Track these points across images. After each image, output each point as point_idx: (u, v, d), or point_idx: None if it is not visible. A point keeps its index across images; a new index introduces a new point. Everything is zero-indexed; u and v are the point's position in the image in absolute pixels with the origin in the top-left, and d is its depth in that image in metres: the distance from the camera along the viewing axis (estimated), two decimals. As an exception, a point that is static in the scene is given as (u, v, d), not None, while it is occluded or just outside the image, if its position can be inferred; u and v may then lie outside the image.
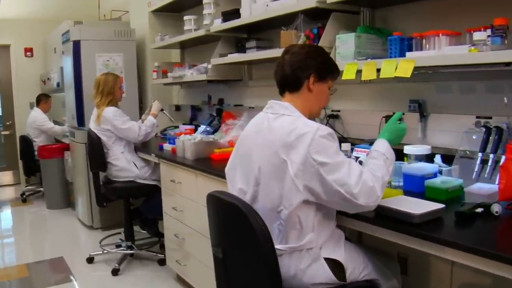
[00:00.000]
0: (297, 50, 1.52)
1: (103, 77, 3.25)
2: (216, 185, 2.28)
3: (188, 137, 2.70)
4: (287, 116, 1.45)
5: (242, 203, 1.36)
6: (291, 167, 1.34)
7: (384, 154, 1.43)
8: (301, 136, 1.35)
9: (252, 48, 2.89)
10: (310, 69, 1.50)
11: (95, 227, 4.18)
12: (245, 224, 1.29)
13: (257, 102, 3.16)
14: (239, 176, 1.54)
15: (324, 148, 1.33)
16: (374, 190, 1.32)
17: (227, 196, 1.42)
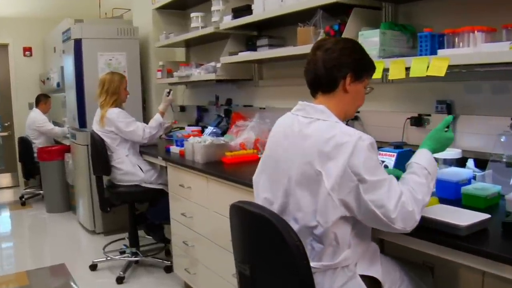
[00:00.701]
0: (330, 46, 1.37)
1: (108, 76, 3.11)
2: (229, 191, 2.15)
3: (197, 140, 2.57)
4: (323, 121, 1.31)
5: (274, 216, 1.23)
6: (327, 179, 1.21)
7: (426, 168, 1.29)
8: (340, 145, 1.22)
9: (264, 46, 2.76)
10: (347, 68, 1.36)
11: (97, 231, 4.04)
12: (278, 239, 1.16)
13: (268, 102, 3.03)
14: (265, 184, 1.41)
15: (365, 161, 1.20)
16: (413, 215, 1.20)
17: (256, 208, 1.28)
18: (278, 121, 1.49)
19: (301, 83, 2.80)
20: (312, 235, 1.25)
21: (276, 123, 1.48)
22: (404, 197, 1.20)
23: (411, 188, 1.24)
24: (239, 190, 2.08)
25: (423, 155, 1.35)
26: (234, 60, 2.81)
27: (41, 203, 5.26)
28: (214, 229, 2.32)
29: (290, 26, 2.80)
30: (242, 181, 2.05)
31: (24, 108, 6.09)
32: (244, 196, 2.05)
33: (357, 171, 1.19)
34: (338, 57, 1.36)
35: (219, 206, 2.25)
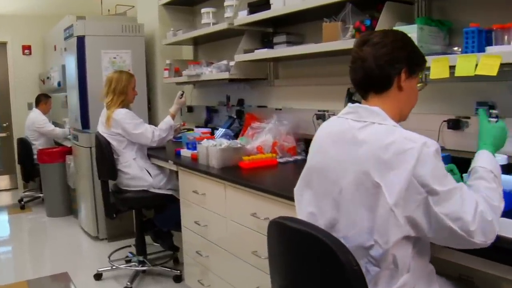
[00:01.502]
0: (380, 40, 1.20)
1: (116, 75, 2.94)
2: (249, 199, 1.99)
3: (212, 143, 2.41)
4: (378, 124, 1.15)
5: (328, 236, 1.06)
6: (388, 193, 1.05)
7: (492, 172, 1.15)
8: (402, 153, 1.06)
9: (282, 43, 2.60)
10: (401, 63, 1.20)
11: (101, 237, 3.87)
12: (332, 262, 1.00)
13: (285, 103, 2.87)
14: (310, 196, 1.25)
15: (433, 170, 1.05)
16: (493, 225, 1.05)
17: (304, 226, 1.11)
18: (322, 126, 1.33)
19: (320, 82, 2.68)
20: (368, 256, 1.09)
21: (320, 129, 1.32)
22: (482, 206, 1.05)
23: (485, 195, 1.10)
24: (261, 198, 1.92)
25: (485, 157, 1.20)
26: (249, 58, 2.65)
27: (41, 206, 5.08)
28: (232, 239, 2.16)
29: (309, 22, 2.65)
30: (265, 189, 1.89)
31: (23, 108, 5.91)
32: (266, 204, 1.89)
33: (425, 182, 1.03)
34: (390, 51, 1.20)
35: (238, 215, 2.09)
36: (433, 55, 1.72)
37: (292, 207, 1.76)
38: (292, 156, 2.56)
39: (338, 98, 2.49)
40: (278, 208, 1.83)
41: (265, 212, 1.90)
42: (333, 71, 2.53)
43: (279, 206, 1.83)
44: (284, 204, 1.79)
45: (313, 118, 2.56)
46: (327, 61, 2.53)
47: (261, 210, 1.92)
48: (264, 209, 1.91)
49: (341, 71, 2.47)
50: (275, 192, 1.82)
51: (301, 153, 2.62)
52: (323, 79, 2.59)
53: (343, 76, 2.46)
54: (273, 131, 2.54)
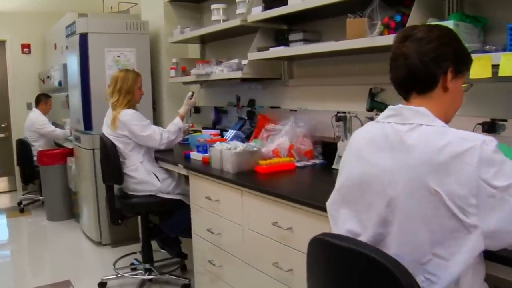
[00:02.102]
0: (424, 35, 1.09)
1: (122, 73, 2.80)
2: (270, 207, 1.85)
3: (226, 146, 2.27)
4: (426, 126, 1.03)
5: (383, 255, 0.93)
6: (451, 201, 0.93)
7: None
8: (460, 155, 0.95)
9: (298, 41, 2.47)
10: (447, 61, 1.09)
11: (104, 243, 3.73)
12: (389, 285, 0.87)
13: (300, 104, 2.73)
14: (348, 212, 1.11)
15: (500, 168, 0.94)
16: None
17: (354, 244, 0.98)
18: (358, 133, 1.19)
19: (339, 82, 2.54)
20: (424, 272, 0.97)
21: (356, 136, 1.19)
22: None
23: None
24: (282, 206, 1.79)
25: None
26: (264, 56, 2.51)
27: (41, 209, 4.93)
28: (249, 249, 2.02)
29: (326, 19, 2.52)
30: (288, 196, 1.75)
31: (22, 109, 5.77)
32: (289, 213, 1.76)
33: (494, 183, 0.92)
34: (436, 48, 1.08)
35: (257, 223, 1.96)
36: (473, 53, 1.60)
37: (319, 217, 1.63)
38: (310, 160, 2.43)
39: (358, 99, 2.36)
40: (302, 217, 1.70)
41: (288, 221, 1.76)
42: (353, 70, 2.40)
43: (303, 215, 1.69)
44: (310, 213, 1.66)
45: (332, 120, 2.42)
46: (346, 60, 2.40)
47: (283, 219, 1.79)
48: (286, 218, 1.77)
49: (363, 70, 2.34)
50: (299, 200, 1.69)
51: (318, 157, 2.49)
52: (342, 78, 2.46)
53: (364, 76, 2.33)
54: (289, 133, 2.40)
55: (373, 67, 2.29)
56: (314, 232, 1.66)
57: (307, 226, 1.69)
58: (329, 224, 1.61)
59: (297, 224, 1.73)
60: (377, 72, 2.27)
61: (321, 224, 1.63)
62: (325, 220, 1.61)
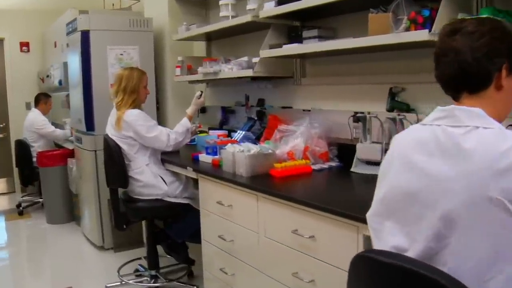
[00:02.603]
0: (475, 29, 0.99)
1: (126, 72, 2.68)
2: (288, 213, 1.73)
3: (239, 148, 2.15)
4: (483, 129, 0.92)
5: (442, 275, 0.81)
6: None
7: None
8: None
9: (312, 38, 2.35)
10: (501, 57, 0.98)
11: (106, 247, 3.60)
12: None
13: (313, 103, 2.61)
14: (394, 225, 1.00)
15: None
16: None
17: (405, 262, 0.86)
18: (401, 137, 1.08)
19: (356, 81, 2.41)
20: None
21: (400, 141, 1.07)
22: None
23: None
24: (303, 212, 1.67)
25: None
26: (277, 54, 2.39)
27: (40, 212, 4.80)
28: (266, 258, 1.91)
29: (341, 16, 2.41)
30: (310, 202, 1.63)
31: (21, 108, 5.64)
32: (311, 220, 1.64)
33: None
34: (489, 42, 0.98)
35: (274, 231, 1.84)
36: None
37: (343, 224, 1.52)
38: (326, 163, 2.32)
39: (377, 98, 2.25)
40: (325, 225, 1.58)
41: (309, 229, 1.65)
42: (371, 69, 2.28)
43: (326, 222, 1.58)
44: (334, 221, 1.55)
45: (348, 121, 2.31)
46: (364, 58, 2.28)
47: (304, 227, 1.67)
48: (307, 225, 1.66)
49: (382, 68, 2.23)
50: (322, 207, 1.57)
51: (333, 159, 2.37)
52: (359, 77, 2.34)
53: (383, 74, 2.22)
54: (305, 134, 2.29)
55: (393, 65, 2.17)
56: (339, 241, 1.56)
57: (331, 235, 1.57)
58: (354, 232, 1.50)
59: (320, 232, 1.62)
60: (397, 71, 2.16)
61: (346, 232, 1.51)
62: (350, 228, 1.50)
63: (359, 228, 1.47)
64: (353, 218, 1.47)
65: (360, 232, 1.47)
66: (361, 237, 1.47)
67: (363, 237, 1.46)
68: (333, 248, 1.58)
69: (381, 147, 2.11)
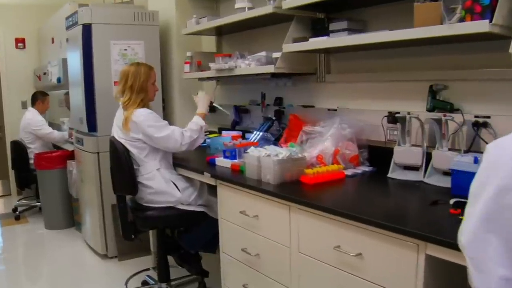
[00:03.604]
0: None
1: (133, 68, 2.45)
2: (328, 226, 1.53)
3: (264, 151, 1.94)
4: None
5: None
6: None
7: None
8: None
9: (341, 31, 2.14)
10: None
11: (110, 255, 3.39)
12: None
13: (339, 102, 2.41)
14: (501, 247, 0.80)
15: None
16: None
17: None
18: (504, 144, 0.87)
19: (387, 78, 2.16)
20: None
21: (503, 150, 0.87)
22: None
23: None
24: (344, 226, 1.47)
25: None
26: (303, 48, 2.18)
27: (38, 216, 4.56)
28: (299, 276, 1.70)
29: (370, 7, 2.20)
30: (357, 216, 1.43)
31: (17, 107, 5.40)
32: (355, 235, 1.44)
33: None
34: None
35: (311, 246, 1.63)
36: None
37: (396, 241, 1.32)
38: (357, 167, 2.11)
39: (414, 97, 2.05)
40: (374, 241, 1.38)
41: (356, 246, 1.44)
42: (408, 64, 2.08)
43: (375, 238, 1.38)
44: (384, 237, 1.35)
45: (382, 121, 2.11)
46: (400, 52, 2.08)
47: (348, 243, 1.47)
48: (352, 241, 1.45)
49: (420, 64, 2.02)
50: (372, 221, 1.37)
51: (364, 163, 2.17)
52: (393, 73, 2.13)
53: (422, 70, 2.01)
54: (335, 136, 2.08)
55: (434, 60, 1.97)
56: (393, 261, 1.34)
57: (383, 253, 1.37)
58: (414, 251, 1.29)
59: (369, 250, 1.41)
60: (439, 67, 1.95)
61: (403, 251, 1.31)
62: (408, 246, 1.29)
63: (420, 246, 1.27)
64: (412, 235, 1.27)
65: (420, 251, 1.27)
66: (422, 257, 1.27)
67: (424, 257, 1.26)
68: (385, 268, 1.37)
69: (422, 151, 1.91)
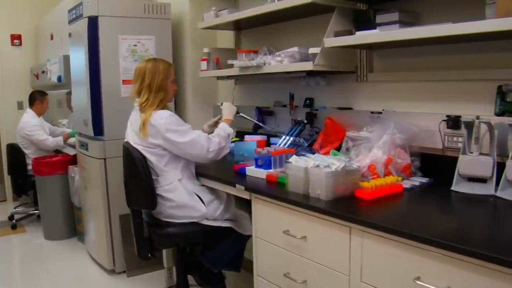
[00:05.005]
0: None
1: (150, 64, 2.17)
2: (403, 254, 1.26)
3: (312, 161, 1.66)
4: None
5: None
6: None
7: None
8: None
9: (391, 23, 1.88)
10: None
11: (118, 271, 3.10)
12: None
13: (384, 104, 2.14)
14: None
15: None
16: None
17: None
18: None
19: (444, 77, 1.77)
20: None
21: None
22: None
23: None
24: (424, 254, 1.21)
25: None
26: (349, 42, 1.90)
27: (36, 225, 4.25)
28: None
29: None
30: (443, 243, 1.16)
31: (12, 108, 5.08)
32: (439, 266, 1.18)
33: None
34: None
35: (379, 276, 1.36)
36: None
37: (499, 274, 1.06)
38: (411, 177, 1.86)
39: (477, 99, 1.79)
40: (468, 273, 1.12)
41: (442, 279, 1.18)
42: (470, 62, 1.81)
43: (469, 270, 1.12)
44: (481, 269, 1.08)
45: (439, 126, 1.85)
46: (459, 48, 1.82)
47: (431, 275, 1.20)
48: (437, 273, 1.19)
49: (486, 61, 1.76)
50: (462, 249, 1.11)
51: (416, 173, 1.91)
52: (452, 72, 1.87)
53: (489, 69, 1.75)
54: (388, 144, 1.82)
55: (504, 57, 1.71)
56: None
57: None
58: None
59: (459, 285, 1.15)
60: (509, 64, 1.70)
61: (505, 285, 1.06)
62: None
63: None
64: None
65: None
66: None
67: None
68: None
69: (492, 161, 1.65)
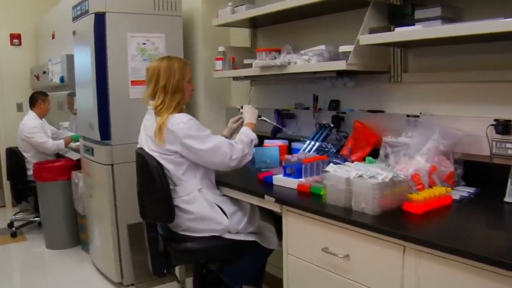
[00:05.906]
0: None
1: (164, 63, 1.99)
2: (468, 276, 1.10)
3: (354, 170, 1.49)
4: None
5: None
6: None
7: None
8: None
9: (432, 19, 1.72)
10: None
11: (126, 283, 2.91)
12: None
13: (421, 107, 1.97)
14: None
15: None
16: None
17: None
18: None
19: (490, 77, 1.57)
20: None
21: None
22: None
23: None
24: (493, 277, 1.04)
25: None
26: (388, 39, 1.73)
27: (37, 233, 4.05)
28: None
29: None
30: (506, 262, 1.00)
31: (12, 110, 4.90)
32: (497, 285, 1.01)
33: None
34: None
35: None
36: None
37: None
38: (457, 187, 1.69)
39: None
40: None
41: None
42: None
43: None
44: None
45: (486, 131, 1.69)
46: (507, 46, 1.66)
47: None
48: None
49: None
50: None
51: (459, 182, 1.75)
52: (499, 72, 1.71)
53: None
54: (432, 151, 1.65)
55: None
56: None
57: None
58: None
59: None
60: None
61: None
62: None
63: None
64: None
65: None
66: None
67: None
68: None
69: (551, 170, 1.50)
